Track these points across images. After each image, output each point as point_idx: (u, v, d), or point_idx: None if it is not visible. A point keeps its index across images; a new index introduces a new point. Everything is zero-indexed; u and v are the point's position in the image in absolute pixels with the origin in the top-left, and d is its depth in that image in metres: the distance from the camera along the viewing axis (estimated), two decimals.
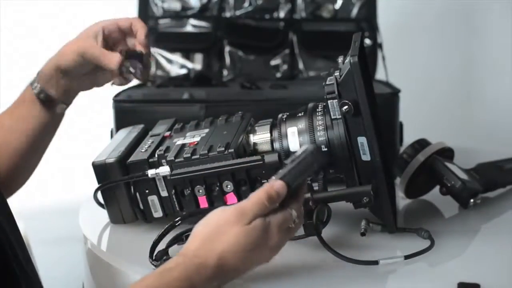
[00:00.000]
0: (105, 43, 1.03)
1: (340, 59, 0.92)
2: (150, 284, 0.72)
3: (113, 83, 1.07)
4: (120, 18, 1.03)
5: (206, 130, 1.00)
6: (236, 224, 0.75)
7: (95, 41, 1.01)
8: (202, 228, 0.76)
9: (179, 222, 0.90)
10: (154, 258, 0.87)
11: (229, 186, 0.92)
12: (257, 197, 0.76)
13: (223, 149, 0.91)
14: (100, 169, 0.97)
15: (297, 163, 0.80)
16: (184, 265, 0.73)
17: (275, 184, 0.77)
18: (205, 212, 0.93)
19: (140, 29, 1.02)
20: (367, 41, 1.51)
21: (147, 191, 0.97)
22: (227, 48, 1.54)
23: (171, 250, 0.88)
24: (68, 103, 1.08)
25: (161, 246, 0.88)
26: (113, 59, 1.00)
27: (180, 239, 0.89)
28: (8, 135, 1.06)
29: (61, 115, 1.09)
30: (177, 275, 0.72)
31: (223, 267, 0.74)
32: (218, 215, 0.77)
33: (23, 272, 0.83)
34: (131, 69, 1.01)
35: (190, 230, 0.86)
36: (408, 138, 1.21)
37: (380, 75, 1.51)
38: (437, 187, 1.09)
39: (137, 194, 0.98)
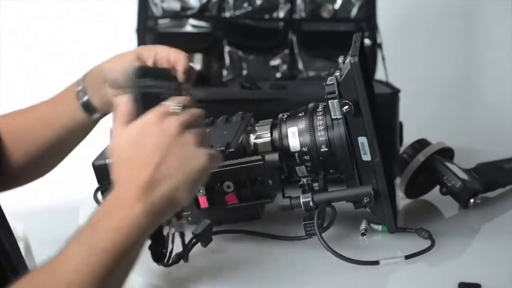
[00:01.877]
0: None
1: (340, 59, 0.92)
2: (78, 253, 0.69)
3: None
4: (173, 50, 0.98)
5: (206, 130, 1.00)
6: (118, 135, 0.76)
7: (145, 61, 0.98)
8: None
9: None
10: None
11: (229, 187, 0.92)
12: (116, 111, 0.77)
13: (223, 149, 0.91)
14: (100, 170, 0.97)
15: None
16: (104, 211, 0.72)
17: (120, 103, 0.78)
18: (205, 213, 0.94)
19: (180, 63, 0.98)
20: (367, 41, 1.51)
21: None
22: (226, 48, 1.54)
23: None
24: (106, 112, 1.06)
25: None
26: None
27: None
28: (42, 126, 1.04)
29: (95, 122, 1.07)
30: (104, 226, 0.70)
31: (130, 181, 0.72)
32: (109, 146, 0.78)
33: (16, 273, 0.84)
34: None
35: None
36: (408, 138, 1.21)
37: (380, 75, 1.51)
38: (437, 187, 1.09)
39: None
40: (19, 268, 0.88)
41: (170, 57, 0.97)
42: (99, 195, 1.00)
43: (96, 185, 0.99)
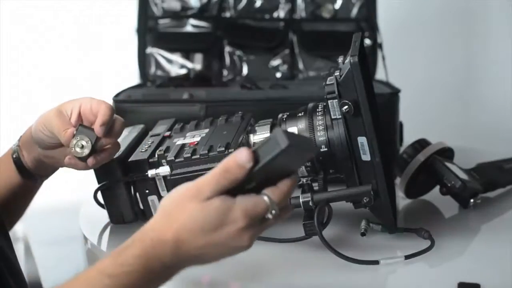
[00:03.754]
0: (79, 121, 0.94)
1: (340, 59, 0.92)
2: (107, 267, 0.70)
3: (66, 165, 0.97)
4: (95, 100, 0.93)
5: (206, 130, 1.00)
6: (193, 200, 0.68)
7: (64, 117, 0.93)
8: (164, 202, 0.71)
9: None
10: None
11: None
12: (217, 168, 0.68)
13: (223, 149, 0.91)
14: (100, 169, 0.97)
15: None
16: (141, 241, 0.70)
17: (236, 153, 0.68)
18: None
19: (100, 117, 0.92)
20: (367, 41, 1.51)
21: (147, 191, 0.97)
22: (227, 48, 1.54)
23: None
24: (40, 174, 1.00)
25: None
26: (67, 131, 0.91)
27: None
28: None
29: (34, 186, 1.02)
30: (132, 252, 0.69)
31: (179, 243, 0.69)
32: (181, 189, 0.70)
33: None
34: (80, 143, 0.91)
35: None
36: (408, 138, 1.21)
37: (380, 75, 1.51)
38: (437, 187, 1.09)
39: (137, 194, 0.98)
40: (17, 273, 0.88)
41: (93, 108, 0.93)
42: (99, 195, 1.00)
43: (96, 185, 0.99)
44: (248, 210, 0.69)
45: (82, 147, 0.91)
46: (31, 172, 0.99)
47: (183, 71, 1.51)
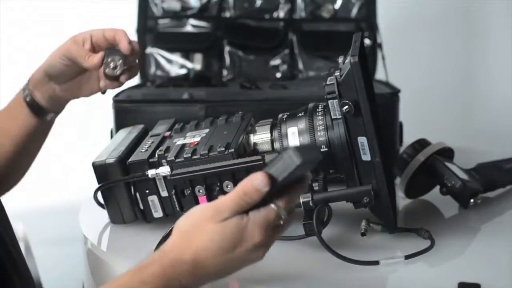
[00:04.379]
0: (92, 50, 1.02)
1: (340, 59, 0.92)
2: (125, 283, 0.71)
3: (101, 90, 1.06)
4: (106, 28, 1.02)
5: (206, 130, 1.00)
6: (211, 220, 0.71)
7: (81, 46, 1.01)
8: (181, 223, 0.73)
9: None
10: None
11: (229, 186, 0.92)
12: (235, 192, 0.71)
13: (223, 149, 0.91)
14: (100, 169, 0.97)
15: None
16: (160, 261, 0.71)
17: (254, 178, 0.71)
18: None
19: (122, 39, 1.01)
20: (367, 41, 1.51)
21: (147, 191, 0.97)
22: (227, 48, 1.54)
23: None
24: (55, 111, 1.08)
25: None
26: (94, 57, 1.00)
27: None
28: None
29: (49, 123, 1.09)
30: (152, 271, 0.71)
31: (198, 263, 0.71)
32: (198, 210, 0.73)
33: (17, 271, 0.84)
34: (112, 64, 1.00)
35: None
36: (408, 138, 1.21)
37: (380, 75, 1.51)
38: (437, 187, 1.09)
39: (137, 194, 0.98)
40: (23, 271, 0.88)
41: (106, 35, 1.01)
42: (99, 195, 1.00)
43: (96, 185, 0.99)
44: (262, 224, 0.72)
45: (115, 67, 1.00)
46: (47, 110, 1.06)
47: (183, 71, 1.51)
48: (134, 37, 1.54)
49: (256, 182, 0.70)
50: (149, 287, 0.70)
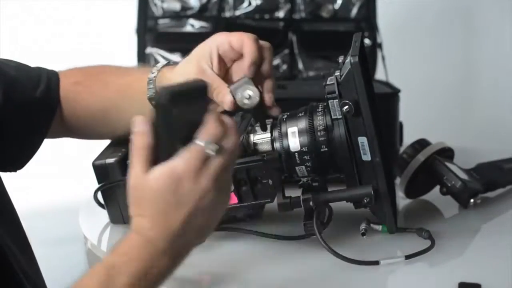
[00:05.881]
0: (222, 63, 0.92)
1: (340, 59, 0.92)
2: (108, 261, 0.70)
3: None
4: (233, 35, 0.90)
5: None
6: (139, 185, 0.69)
7: (209, 65, 0.90)
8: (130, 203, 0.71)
9: None
10: None
11: None
12: (132, 154, 0.69)
13: None
14: (100, 169, 0.97)
15: None
16: (129, 238, 0.70)
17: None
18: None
19: (247, 54, 0.88)
20: (367, 41, 1.51)
21: None
22: None
23: None
24: None
25: None
26: (225, 98, 0.87)
27: None
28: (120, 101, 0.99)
29: None
30: (129, 243, 0.70)
31: (158, 224, 0.69)
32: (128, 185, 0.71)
33: (25, 274, 0.84)
34: (246, 95, 0.87)
35: None
36: (408, 138, 1.21)
37: (380, 75, 1.51)
38: (437, 187, 1.09)
39: None
40: (29, 271, 0.88)
41: (233, 45, 0.89)
42: (99, 195, 1.00)
43: (96, 185, 0.99)
44: (185, 159, 0.67)
45: (249, 97, 0.87)
46: None
47: None
48: (134, 37, 1.54)
49: (135, 129, 0.69)
50: (129, 257, 0.69)
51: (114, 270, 0.69)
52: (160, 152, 0.69)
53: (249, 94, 0.87)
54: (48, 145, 1.13)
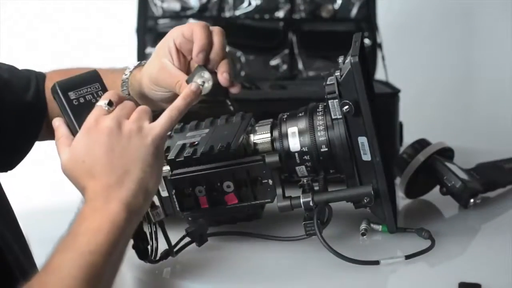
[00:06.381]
0: (180, 55, 0.91)
1: (340, 59, 0.92)
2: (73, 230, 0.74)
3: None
4: (185, 26, 0.91)
5: (206, 130, 1.00)
6: (69, 158, 0.78)
7: (169, 59, 0.91)
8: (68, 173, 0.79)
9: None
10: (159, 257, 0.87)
11: (229, 187, 0.92)
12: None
13: (223, 149, 0.91)
14: None
15: None
16: (82, 212, 0.75)
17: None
18: (205, 213, 0.93)
19: (195, 42, 0.89)
20: (367, 41, 1.52)
21: None
22: (226, 48, 1.54)
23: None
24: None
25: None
26: (179, 83, 0.89)
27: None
28: None
29: None
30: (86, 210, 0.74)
31: (93, 175, 0.75)
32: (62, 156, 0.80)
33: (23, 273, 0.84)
34: (199, 81, 0.88)
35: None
36: (408, 138, 1.21)
37: (380, 75, 1.51)
38: (437, 187, 1.09)
39: None
40: (28, 269, 0.88)
41: (186, 35, 0.90)
42: None
43: None
44: (89, 116, 0.78)
45: (203, 83, 0.89)
46: None
47: None
48: (134, 37, 1.54)
49: (54, 126, 0.82)
50: (93, 247, 0.71)
51: (71, 235, 0.73)
52: (74, 133, 0.81)
53: (202, 80, 0.89)
54: (48, 144, 1.13)
